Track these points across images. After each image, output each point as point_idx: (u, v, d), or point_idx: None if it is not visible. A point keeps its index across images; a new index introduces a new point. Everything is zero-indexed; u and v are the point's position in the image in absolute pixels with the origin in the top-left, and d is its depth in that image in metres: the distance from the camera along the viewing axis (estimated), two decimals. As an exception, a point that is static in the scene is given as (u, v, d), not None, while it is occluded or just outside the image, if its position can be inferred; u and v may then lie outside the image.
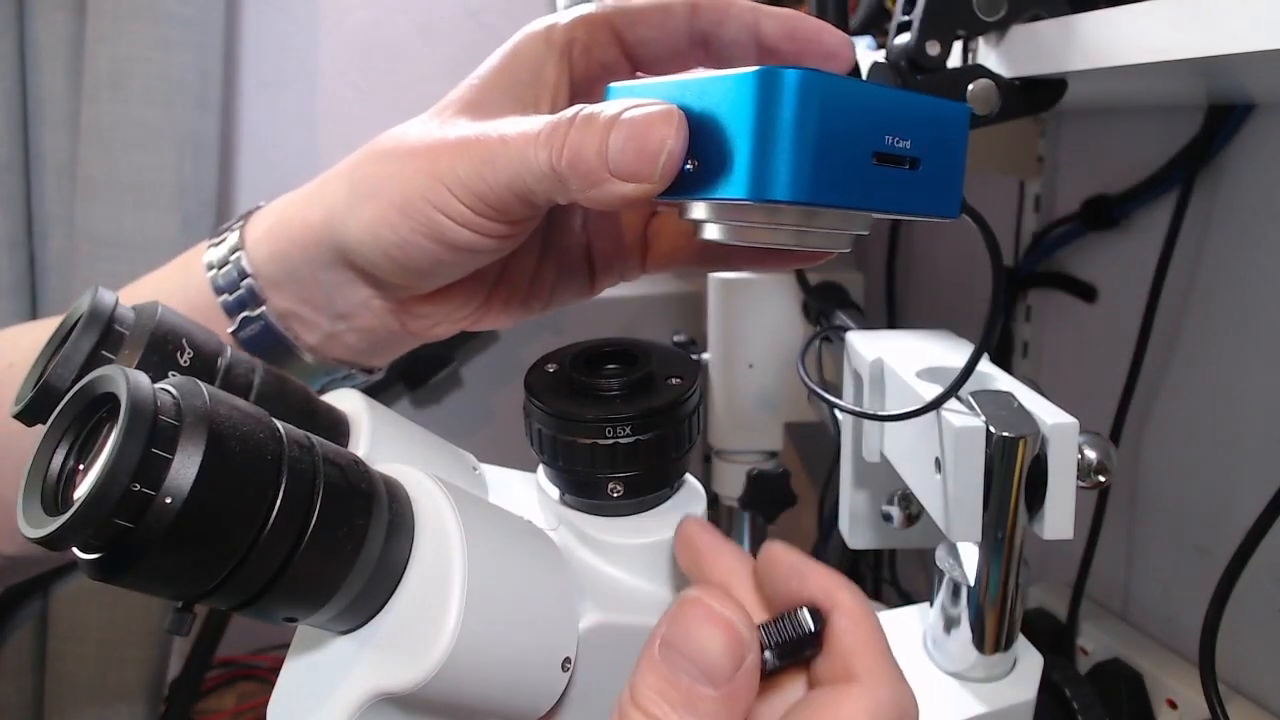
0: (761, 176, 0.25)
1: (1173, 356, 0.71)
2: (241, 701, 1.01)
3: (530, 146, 0.30)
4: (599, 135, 0.28)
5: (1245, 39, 0.33)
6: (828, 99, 0.25)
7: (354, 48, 1.04)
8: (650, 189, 0.28)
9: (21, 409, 0.31)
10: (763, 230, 0.28)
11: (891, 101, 0.27)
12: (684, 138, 0.27)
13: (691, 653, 0.24)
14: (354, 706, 0.27)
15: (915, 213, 0.28)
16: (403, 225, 0.34)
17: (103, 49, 0.82)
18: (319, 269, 0.38)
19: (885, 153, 0.27)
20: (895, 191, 0.27)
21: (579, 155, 0.28)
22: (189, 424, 0.23)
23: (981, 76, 0.43)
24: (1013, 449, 0.43)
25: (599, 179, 0.28)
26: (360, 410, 0.36)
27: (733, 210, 0.28)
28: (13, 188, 0.85)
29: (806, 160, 0.24)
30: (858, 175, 0.26)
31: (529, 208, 0.32)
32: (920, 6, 0.41)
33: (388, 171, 0.35)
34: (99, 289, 0.33)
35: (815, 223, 0.28)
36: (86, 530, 0.22)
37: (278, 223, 0.40)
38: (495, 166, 0.31)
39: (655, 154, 0.27)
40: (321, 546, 0.25)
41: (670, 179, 0.28)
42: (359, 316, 0.40)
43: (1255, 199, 0.64)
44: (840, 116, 0.25)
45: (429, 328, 0.40)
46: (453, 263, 0.35)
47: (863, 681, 0.24)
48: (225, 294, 0.40)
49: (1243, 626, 0.64)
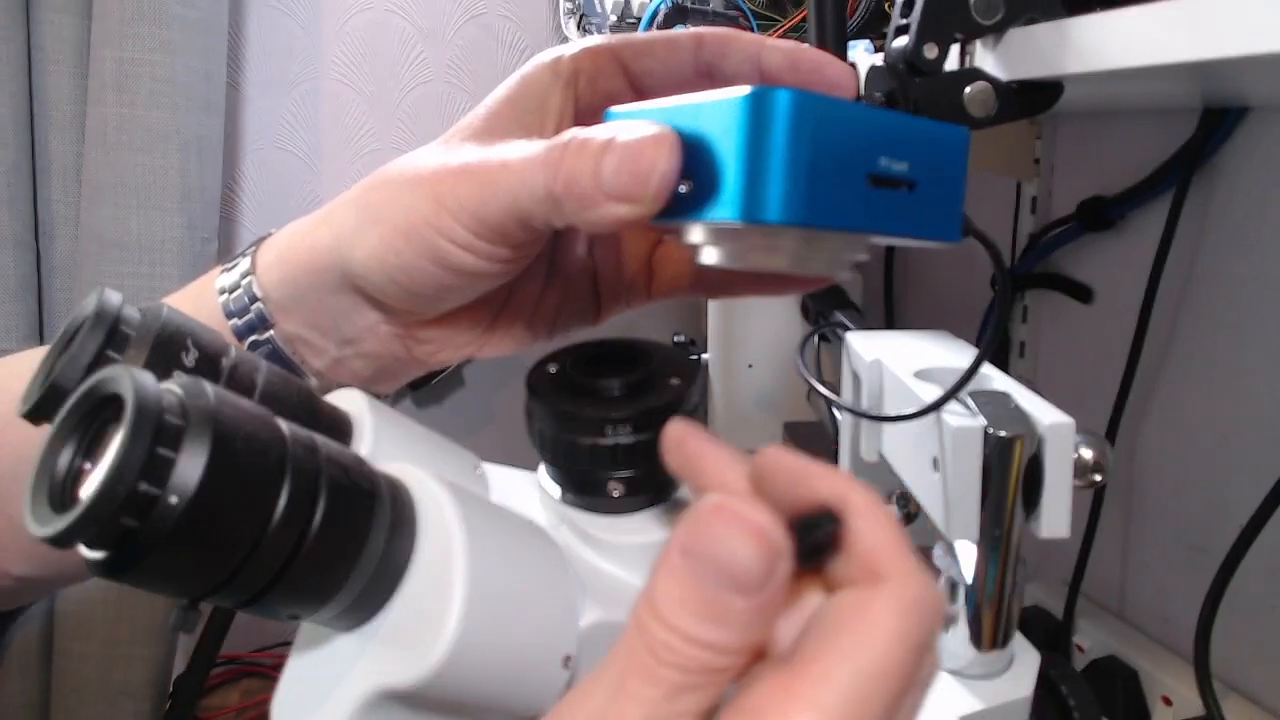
0: (753, 198, 0.24)
1: (1168, 357, 0.71)
2: (245, 698, 1.01)
3: (528, 170, 0.30)
4: (593, 159, 0.28)
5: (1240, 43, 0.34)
6: (820, 119, 0.24)
7: (357, 50, 1.05)
8: (643, 210, 0.28)
9: (29, 408, 0.32)
10: (760, 254, 0.28)
11: (887, 123, 0.26)
12: (676, 160, 0.27)
13: (720, 560, 0.22)
14: (357, 703, 0.27)
15: (914, 236, 0.28)
16: (407, 250, 0.34)
17: (108, 52, 0.82)
18: (326, 293, 0.39)
19: (881, 175, 0.26)
20: (893, 215, 0.27)
21: (574, 178, 0.29)
22: (194, 424, 0.23)
23: (979, 79, 0.43)
24: (1010, 448, 0.44)
25: (593, 201, 0.28)
26: (363, 410, 0.36)
27: (729, 233, 0.28)
28: (19, 189, 0.85)
29: (799, 181, 0.24)
30: (853, 198, 0.25)
31: (528, 231, 0.32)
32: (918, 9, 0.42)
33: (393, 197, 0.35)
34: (105, 290, 0.33)
35: (813, 247, 0.28)
36: (92, 529, 0.22)
37: (287, 247, 0.40)
38: (496, 191, 0.32)
39: (647, 175, 0.27)
40: (325, 545, 0.26)
41: (663, 200, 0.28)
42: (365, 342, 0.40)
43: (1250, 201, 0.64)
44: (833, 137, 0.25)
45: (434, 353, 0.40)
46: (456, 287, 0.35)
47: (890, 580, 0.23)
48: (236, 318, 0.40)
49: (1237, 624, 0.64)
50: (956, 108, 0.42)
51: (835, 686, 0.21)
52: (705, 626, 0.21)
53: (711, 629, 0.21)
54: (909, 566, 0.23)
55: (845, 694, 0.21)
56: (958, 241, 0.29)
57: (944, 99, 0.41)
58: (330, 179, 1.07)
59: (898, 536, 0.24)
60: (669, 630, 0.22)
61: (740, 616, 0.22)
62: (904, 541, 0.24)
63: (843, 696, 0.21)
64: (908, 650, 0.22)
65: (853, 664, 0.21)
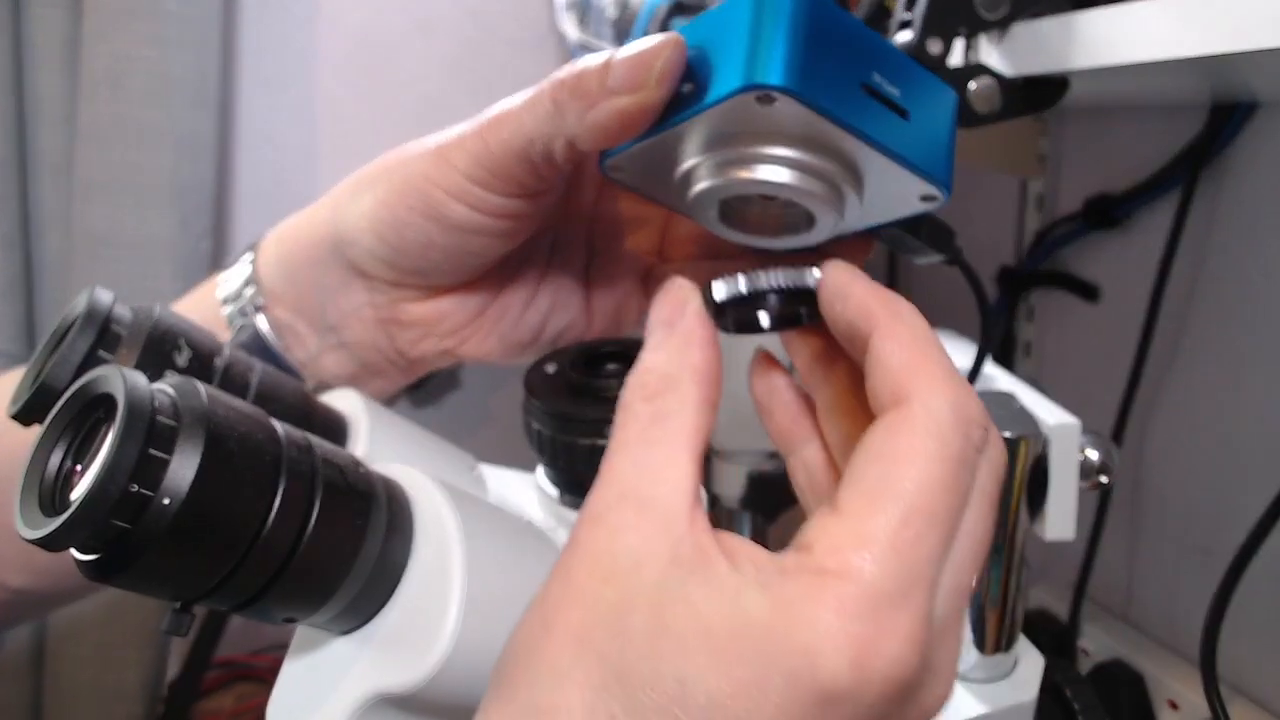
0: (753, 64, 0.25)
1: (1175, 356, 0.71)
2: (240, 702, 1.01)
3: (534, 97, 0.31)
4: (600, 65, 0.29)
5: (1249, 37, 0.33)
6: (821, 7, 0.25)
7: (352, 46, 1.04)
8: (647, 98, 0.28)
9: (18, 409, 0.31)
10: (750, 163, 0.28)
11: (884, 47, 0.27)
12: (681, 53, 0.28)
13: (652, 324, 0.28)
14: (353, 707, 0.27)
15: (907, 159, 0.27)
16: (399, 204, 0.35)
17: (100, 47, 0.82)
18: (317, 270, 0.39)
19: (874, 88, 0.26)
20: (886, 128, 0.27)
21: (580, 81, 0.29)
22: (187, 424, 0.23)
23: (983, 75, 0.42)
24: (1014, 450, 0.43)
25: (597, 98, 0.29)
26: (359, 410, 0.36)
27: (724, 135, 0.28)
28: (9, 187, 0.85)
29: (796, 50, 0.25)
30: (847, 94, 0.26)
31: (526, 166, 0.32)
32: (921, 4, 0.41)
33: (398, 164, 0.36)
34: (96, 288, 0.33)
35: (805, 158, 0.27)
36: (84, 531, 0.22)
37: (288, 225, 0.41)
38: (500, 129, 0.32)
39: (651, 62, 0.28)
40: (320, 547, 0.25)
41: (667, 85, 0.28)
42: (348, 328, 0.39)
43: (1258, 198, 0.64)
44: (833, 31, 0.25)
45: (415, 343, 0.40)
46: (444, 246, 0.35)
47: (913, 402, 0.24)
48: (230, 304, 0.40)
49: (1245, 627, 0.64)
50: (961, 104, 0.41)
51: (872, 511, 0.22)
52: (643, 360, 0.27)
53: (645, 359, 0.27)
54: (930, 382, 0.24)
55: (881, 516, 0.22)
56: (948, 192, 0.29)
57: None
58: (326, 176, 1.07)
59: (922, 350, 0.25)
60: (625, 386, 0.27)
61: (666, 340, 0.27)
62: (930, 353, 0.25)
63: (878, 518, 0.22)
64: (945, 465, 0.23)
65: (893, 496, 0.23)
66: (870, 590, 0.21)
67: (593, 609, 0.23)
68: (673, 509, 0.24)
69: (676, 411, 0.25)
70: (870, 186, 0.28)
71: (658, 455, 0.25)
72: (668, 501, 0.24)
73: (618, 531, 0.23)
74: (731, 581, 0.22)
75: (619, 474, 0.25)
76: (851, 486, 0.23)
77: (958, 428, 0.24)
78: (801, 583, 0.22)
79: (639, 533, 0.23)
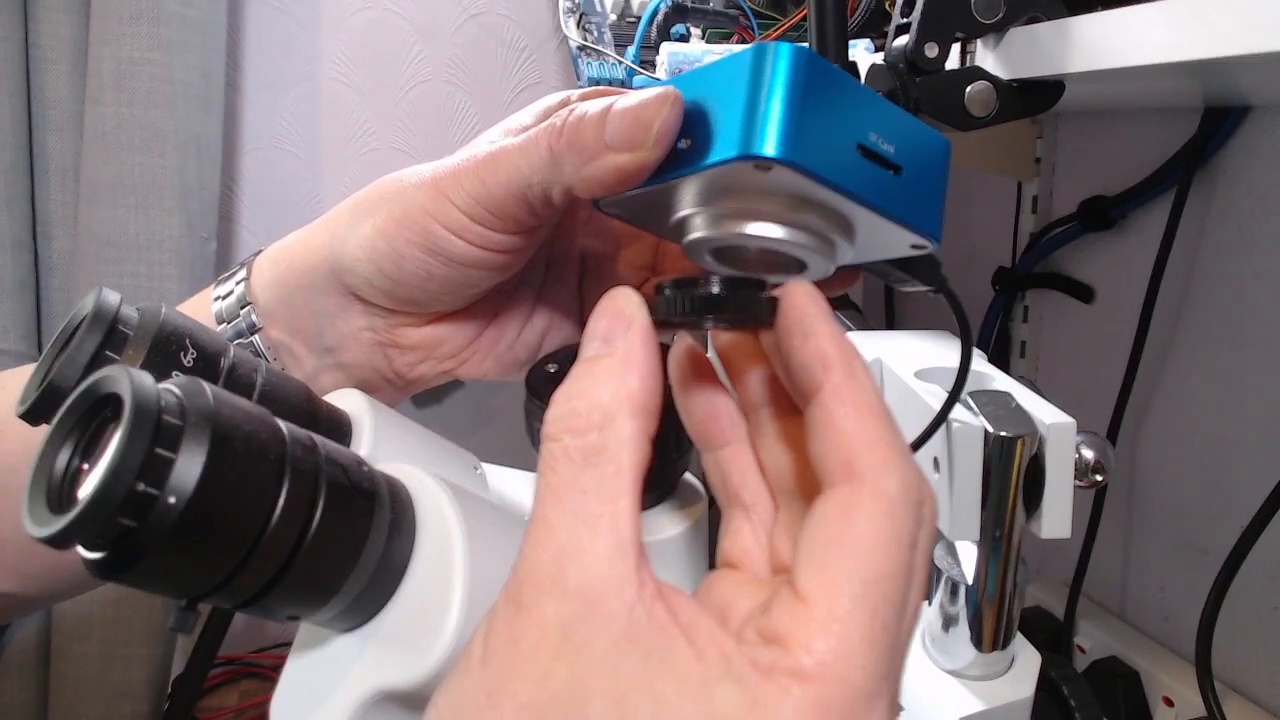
0: (750, 134, 0.25)
1: (1170, 356, 0.71)
2: (244, 699, 1.01)
3: (531, 141, 0.31)
4: (597, 118, 0.29)
5: (1241, 41, 0.33)
6: (817, 73, 0.25)
7: (355, 49, 1.04)
8: (644, 157, 0.28)
9: (27, 408, 0.32)
10: (745, 219, 0.28)
11: (879, 103, 0.27)
12: (679, 111, 0.28)
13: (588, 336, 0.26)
14: (356, 704, 0.27)
15: (898, 216, 0.28)
16: (398, 236, 0.35)
17: (106, 51, 0.82)
18: (313, 294, 0.39)
19: (870, 149, 0.27)
20: (879, 189, 0.27)
21: (577, 134, 0.30)
22: (193, 424, 0.23)
23: (979, 78, 0.43)
24: (1011, 449, 0.44)
25: (595, 152, 0.29)
26: (362, 410, 0.36)
27: (719, 191, 0.28)
28: (17, 189, 0.85)
29: (794, 120, 0.25)
30: (842, 158, 0.26)
31: (524, 206, 0.33)
32: (918, 9, 0.42)
33: (396, 193, 0.36)
34: (103, 289, 0.33)
35: (799, 217, 0.27)
36: (91, 529, 0.22)
37: (282, 248, 0.40)
38: (497, 169, 0.32)
39: (650, 122, 0.28)
40: (324, 545, 0.26)
41: (663, 146, 0.28)
42: (346, 350, 0.39)
43: (1251, 199, 0.64)
44: (829, 95, 0.26)
45: (413, 365, 0.40)
46: (443, 279, 0.35)
47: (866, 480, 0.23)
48: (225, 323, 0.40)
49: (1239, 625, 0.64)
50: (957, 107, 0.42)
51: (841, 603, 0.22)
52: (573, 385, 0.25)
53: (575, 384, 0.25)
54: (885, 459, 0.23)
55: (851, 607, 0.22)
56: (937, 242, 0.29)
57: (945, 98, 0.41)
58: (329, 178, 1.07)
59: (876, 418, 0.24)
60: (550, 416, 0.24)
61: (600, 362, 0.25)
62: (882, 422, 0.24)
63: (849, 610, 0.22)
64: (901, 550, 0.23)
65: (859, 583, 0.22)
66: (850, 692, 0.21)
67: (544, 687, 0.21)
68: (617, 573, 0.22)
69: (612, 452, 0.23)
70: (861, 236, 0.29)
71: (594, 505, 0.23)
72: (611, 565, 0.22)
73: (562, 599, 0.22)
74: (698, 673, 0.21)
75: (554, 530, 0.23)
76: (811, 569, 0.22)
77: (909, 509, 0.23)
78: (780, 685, 0.21)
79: (583, 601, 0.22)
